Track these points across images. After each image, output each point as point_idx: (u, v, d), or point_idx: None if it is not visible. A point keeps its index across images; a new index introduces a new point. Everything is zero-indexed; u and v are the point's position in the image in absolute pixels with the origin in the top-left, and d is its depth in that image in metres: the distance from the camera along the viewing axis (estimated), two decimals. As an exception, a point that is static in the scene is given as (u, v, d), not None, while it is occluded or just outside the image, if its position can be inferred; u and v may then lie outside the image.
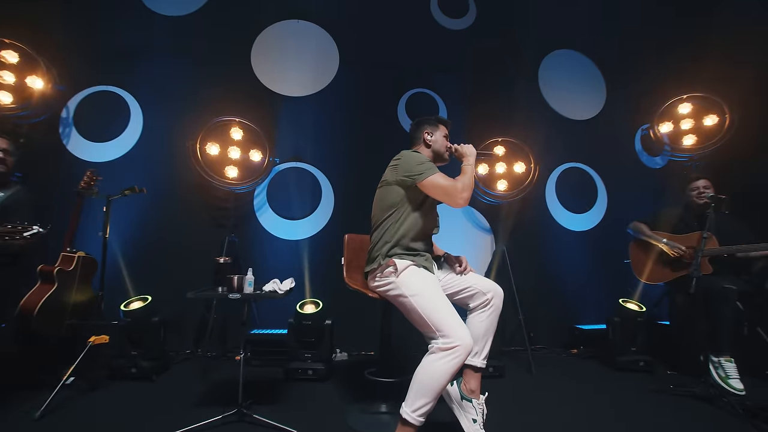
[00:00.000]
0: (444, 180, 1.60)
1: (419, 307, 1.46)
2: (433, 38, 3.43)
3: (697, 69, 3.28)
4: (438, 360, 1.35)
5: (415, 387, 1.37)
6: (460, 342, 1.34)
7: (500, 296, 1.63)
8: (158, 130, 2.95)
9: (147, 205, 2.75)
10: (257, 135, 2.89)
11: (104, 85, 2.94)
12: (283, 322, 2.68)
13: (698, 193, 2.49)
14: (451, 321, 1.40)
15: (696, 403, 1.97)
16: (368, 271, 1.73)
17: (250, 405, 1.77)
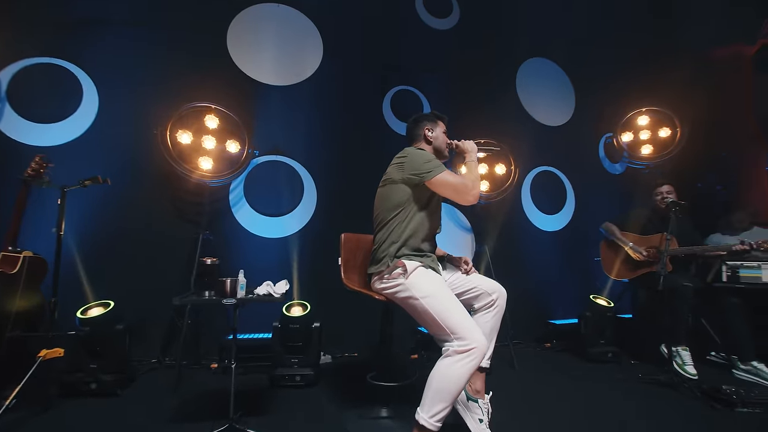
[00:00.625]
0: (453, 177, 1.58)
1: (432, 309, 1.43)
2: (418, 36, 3.41)
3: (655, 85, 3.62)
4: (455, 363, 1.33)
5: (431, 392, 1.34)
6: (477, 344, 1.33)
7: (504, 296, 1.66)
8: (118, 114, 2.62)
9: (107, 198, 2.42)
10: (235, 124, 2.67)
11: (48, 56, 2.54)
12: (263, 326, 2.54)
13: (662, 198, 2.74)
14: (467, 323, 1.38)
15: (661, 390, 2.16)
16: (372, 273, 1.67)
17: (240, 417, 1.63)
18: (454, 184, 1.57)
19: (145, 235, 2.54)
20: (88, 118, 2.59)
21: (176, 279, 2.55)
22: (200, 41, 2.83)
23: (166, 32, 2.77)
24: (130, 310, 2.23)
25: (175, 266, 2.58)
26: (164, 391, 2.06)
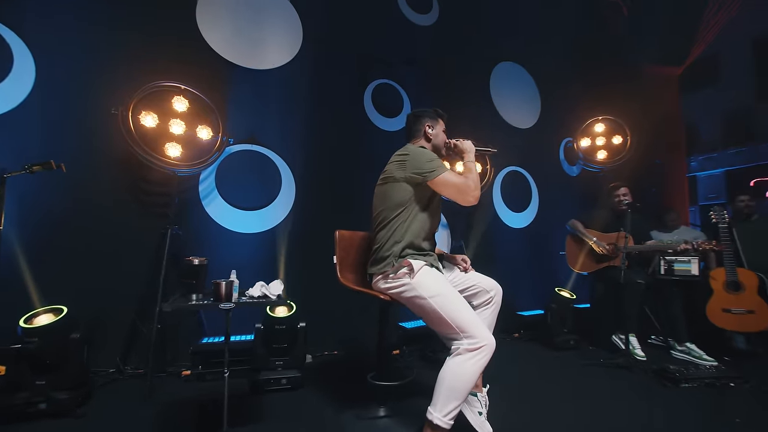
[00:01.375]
0: (456, 178, 1.59)
1: (440, 308, 1.44)
2: (399, 30, 3.37)
3: (609, 96, 3.98)
4: (466, 361, 1.35)
5: (443, 391, 1.35)
6: (486, 341, 1.36)
7: (500, 293, 1.71)
8: (59, 87, 2.23)
9: (53, 185, 2.07)
10: (207, 108, 2.43)
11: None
12: (237, 328, 2.39)
13: (619, 200, 3.03)
14: (476, 321, 1.41)
15: (620, 371, 2.42)
16: (373, 272, 1.64)
17: (233, 429, 1.51)
18: (457, 184, 1.57)
19: (100, 228, 2.22)
20: (20, 91, 2.18)
21: (139, 279, 2.29)
22: (165, 9, 2.51)
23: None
24: (84, 316, 1.94)
25: (137, 264, 2.30)
26: (132, 404, 1.84)
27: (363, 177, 3.00)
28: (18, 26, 2.17)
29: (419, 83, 3.39)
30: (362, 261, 1.90)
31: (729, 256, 2.69)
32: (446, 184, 1.58)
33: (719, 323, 2.65)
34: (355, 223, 2.92)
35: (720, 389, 2.11)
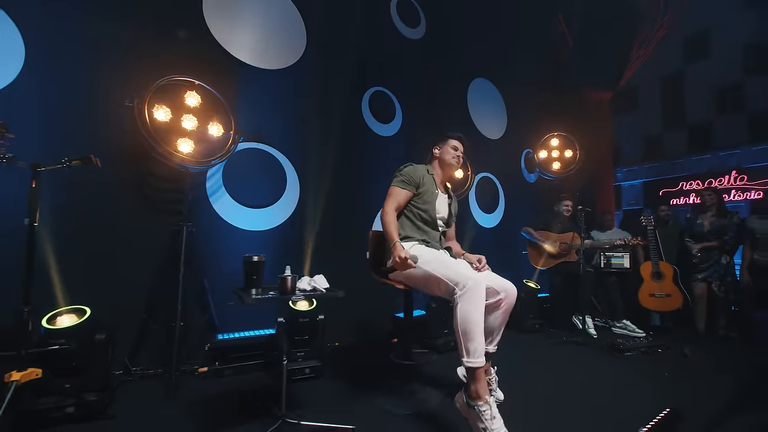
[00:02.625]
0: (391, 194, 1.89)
1: (430, 269, 1.64)
2: (392, 41, 3.59)
3: (562, 114, 4.64)
4: (464, 306, 1.50)
5: (461, 337, 1.51)
6: (470, 282, 1.52)
7: (513, 295, 1.78)
8: (54, 72, 2.08)
9: (59, 179, 1.93)
10: (218, 105, 2.42)
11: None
12: (245, 325, 2.45)
13: (567, 209, 3.62)
14: (458, 272, 1.60)
15: (579, 347, 2.95)
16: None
17: (290, 412, 1.63)
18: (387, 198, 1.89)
19: (112, 225, 2.11)
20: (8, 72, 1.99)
21: (147, 277, 2.22)
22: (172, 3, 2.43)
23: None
24: (98, 316, 1.87)
25: (145, 262, 2.23)
26: (156, 403, 1.84)
27: (362, 177, 3.21)
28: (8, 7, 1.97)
29: (409, 93, 3.65)
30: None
31: (654, 253, 3.40)
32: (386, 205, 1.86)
33: (647, 305, 3.34)
34: (357, 221, 3.13)
35: (652, 354, 2.73)
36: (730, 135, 5.39)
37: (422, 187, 1.93)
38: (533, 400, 1.93)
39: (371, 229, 3.23)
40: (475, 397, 1.47)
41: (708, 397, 1.96)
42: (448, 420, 1.67)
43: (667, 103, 6.17)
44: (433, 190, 1.97)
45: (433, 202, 1.96)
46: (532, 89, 4.81)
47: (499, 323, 1.84)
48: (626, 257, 3.63)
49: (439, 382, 2.08)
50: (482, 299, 1.53)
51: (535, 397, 1.97)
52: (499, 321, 1.83)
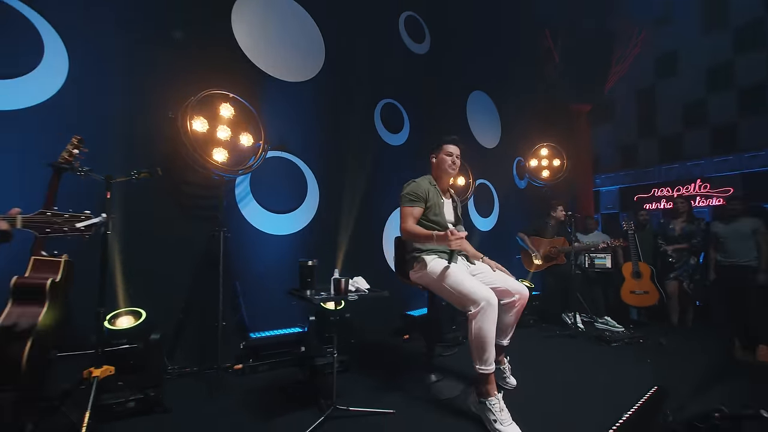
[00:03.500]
0: (405, 214, 2.01)
1: (448, 285, 1.83)
2: (400, 55, 3.81)
3: (551, 126, 5.01)
4: (478, 323, 1.69)
5: (474, 349, 1.74)
6: (484, 301, 1.69)
7: (526, 297, 2.02)
8: (94, 84, 2.16)
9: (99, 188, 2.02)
10: (250, 116, 2.57)
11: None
12: (274, 324, 2.61)
13: (562, 214, 3.96)
14: (474, 290, 1.74)
15: (571, 339, 3.28)
16: (407, 269, 2.09)
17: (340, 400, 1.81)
18: (401, 217, 2.03)
19: (150, 230, 2.21)
20: (53, 83, 2.06)
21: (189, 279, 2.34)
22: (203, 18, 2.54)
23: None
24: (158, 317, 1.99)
25: (181, 266, 2.35)
26: (203, 399, 1.97)
27: (374, 184, 3.41)
28: (53, 19, 2.05)
29: (416, 104, 3.88)
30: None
31: (634, 254, 3.79)
32: (405, 225, 2.00)
33: (628, 301, 3.73)
34: (369, 224, 3.32)
35: (635, 344, 3.09)
36: (695, 146, 5.95)
37: (429, 201, 2.04)
38: (542, 384, 2.20)
39: (383, 232, 3.45)
40: (485, 395, 1.69)
41: (684, 377, 2.30)
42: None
43: (640, 116, 6.70)
44: (439, 200, 2.07)
45: (441, 213, 2.08)
46: (524, 102, 5.15)
47: (512, 321, 2.09)
48: (608, 258, 4.02)
49: (455, 372, 2.32)
50: (495, 317, 1.70)
51: (543, 382, 2.25)
52: (512, 319, 2.08)
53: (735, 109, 5.66)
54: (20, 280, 1.32)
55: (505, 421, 1.63)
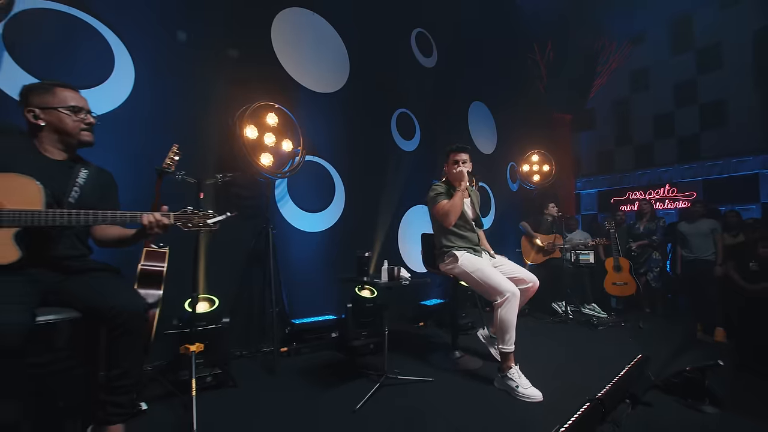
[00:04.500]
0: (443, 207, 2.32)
1: (478, 277, 2.19)
2: (412, 69, 4.16)
3: (540, 133, 5.51)
4: (502, 311, 2.09)
5: (500, 332, 2.12)
6: (509, 293, 2.07)
7: (537, 284, 2.38)
8: (158, 94, 2.38)
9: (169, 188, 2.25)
10: (290, 123, 2.84)
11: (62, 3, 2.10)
12: (311, 311, 2.90)
13: (555, 213, 4.44)
14: (501, 283, 2.10)
15: (564, 324, 3.74)
16: (437, 262, 2.44)
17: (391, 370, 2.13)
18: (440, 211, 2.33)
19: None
20: (122, 91, 2.28)
21: (239, 271, 2.60)
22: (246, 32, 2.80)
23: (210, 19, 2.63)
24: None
25: (234, 259, 2.60)
26: (266, 374, 2.26)
27: (392, 186, 3.74)
28: (123, 35, 2.26)
29: (426, 113, 4.24)
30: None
31: (615, 250, 4.31)
32: (438, 210, 2.34)
33: (610, 291, 4.24)
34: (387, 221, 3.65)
35: (617, 327, 3.58)
36: (664, 155, 6.62)
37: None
38: (545, 359, 2.62)
39: (399, 228, 3.80)
40: (506, 369, 2.06)
41: (660, 351, 2.78)
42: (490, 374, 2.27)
43: (617, 125, 7.33)
44: None
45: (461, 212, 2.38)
46: (516, 111, 5.63)
47: (525, 299, 2.50)
48: (590, 254, 4.53)
49: (472, 350, 2.70)
50: (517, 306, 2.06)
51: (546, 357, 2.66)
52: (525, 298, 2.48)
53: (698, 123, 6.38)
54: (144, 267, 1.58)
55: (525, 386, 2.01)
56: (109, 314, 1.16)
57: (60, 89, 1.31)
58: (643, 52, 7.02)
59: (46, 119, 1.27)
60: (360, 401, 1.82)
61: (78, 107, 1.33)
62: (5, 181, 1.11)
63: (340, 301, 2.93)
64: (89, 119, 1.37)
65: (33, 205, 1.13)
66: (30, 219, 1.10)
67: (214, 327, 1.98)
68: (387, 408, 1.82)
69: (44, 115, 1.27)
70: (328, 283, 3.07)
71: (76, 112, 1.33)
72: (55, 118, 1.28)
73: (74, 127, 1.32)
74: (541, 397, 1.93)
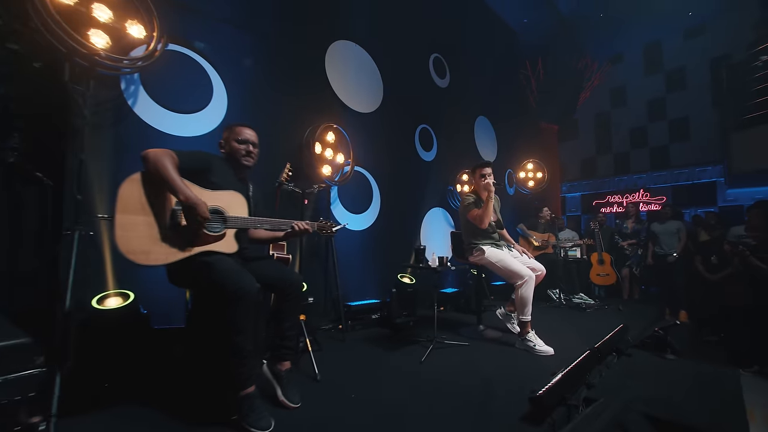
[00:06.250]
0: (476, 212, 3.08)
1: (503, 266, 2.84)
2: (430, 89, 4.81)
3: (534, 143, 6.26)
4: (522, 290, 2.77)
5: (520, 305, 2.78)
6: (527, 277, 2.80)
7: (544, 272, 3.07)
8: (244, 118, 2.91)
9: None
10: (342, 139, 3.43)
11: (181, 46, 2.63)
12: (357, 296, 3.50)
13: (548, 215, 5.19)
14: (520, 269, 2.82)
15: (558, 308, 4.47)
16: (466, 254, 3.10)
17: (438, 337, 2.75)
18: (475, 216, 3.05)
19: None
20: (218, 115, 2.82)
21: (304, 263, 3.17)
22: (307, 63, 3.37)
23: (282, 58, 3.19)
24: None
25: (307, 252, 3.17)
26: (338, 342, 2.84)
27: (417, 190, 4.37)
28: (220, 69, 2.80)
29: (442, 127, 4.90)
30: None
31: (599, 246, 5.10)
32: (472, 216, 3.05)
33: (595, 281, 5.02)
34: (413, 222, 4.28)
35: (601, 310, 4.34)
36: (639, 163, 7.53)
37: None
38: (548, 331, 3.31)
39: (422, 226, 4.44)
40: (526, 333, 2.73)
41: (634, 324, 3.52)
42: (509, 341, 2.92)
43: (598, 136, 8.20)
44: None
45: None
46: (512, 123, 6.37)
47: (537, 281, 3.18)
48: (578, 250, 5.31)
49: (492, 325, 3.36)
50: (533, 286, 2.75)
51: (549, 329, 3.35)
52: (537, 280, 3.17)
53: (667, 135, 7.32)
54: (277, 256, 2.14)
55: (541, 345, 2.68)
56: (286, 285, 1.73)
57: (235, 126, 1.85)
58: (621, 72, 7.94)
59: (227, 148, 1.81)
60: (421, 357, 2.44)
61: (243, 139, 1.86)
62: (229, 196, 1.66)
63: (380, 287, 3.54)
64: (250, 149, 1.89)
65: (243, 213, 1.69)
66: (243, 222, 1.66)
67: (306, 303, 2.55)
68: (442, 360, 2.45)
69: (227, 145, 1.81)
70: (368, 273, 3.67)
71: (241, 143, 1.85)
72: (232, 148, 1.81)
73: (240, 154, 1.82)
74: (552, 352, 2.61)
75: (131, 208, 1.42)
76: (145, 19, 2.24)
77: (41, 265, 2.06)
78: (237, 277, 1.52)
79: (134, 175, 1.46)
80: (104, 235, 2.20)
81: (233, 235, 1.67)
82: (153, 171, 1.45)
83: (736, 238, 4.04)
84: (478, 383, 2.05)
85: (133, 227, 1.41)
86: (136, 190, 1.45)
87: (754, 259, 3.49)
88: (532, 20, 6.65)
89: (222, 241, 1.62)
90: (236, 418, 1.51)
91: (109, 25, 2.10)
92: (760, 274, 3.43)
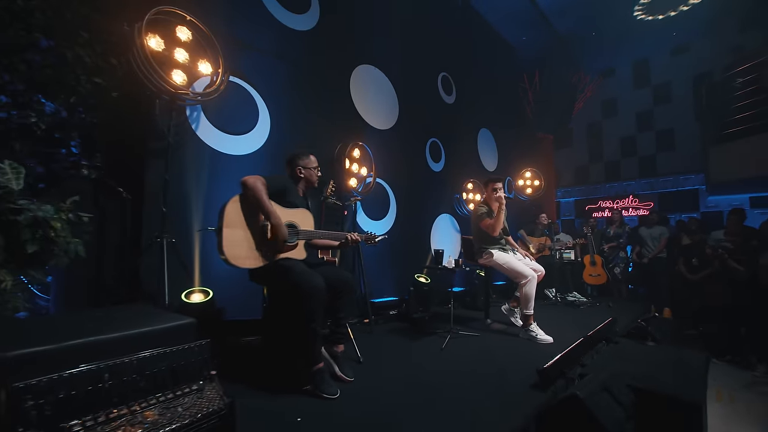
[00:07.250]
0: (488, 222, 3.58)
1: (508, 268, 3.32)
2: (439, 105, 5.26)
3: (532, 152, 6.74)
4: (525, 287, 3.24)
5: (524, 301, 3.23)
6: (530, 276, 3.28)
7: (543, 273, 3.55)
8: (285, 138, 3.34)
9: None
10: (366, 155, 3.86)
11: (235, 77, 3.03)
12: (379, 293, 3.92)
13: (545, 220, 5.66)
14: (524, 270, 3.30)
15: (555, 306, 4.94)
16: (476, 257, 3.55)
17: (455, 327, 3.19)
18: (488, 226, 3.56)
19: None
20: (262, 135, 3.23)
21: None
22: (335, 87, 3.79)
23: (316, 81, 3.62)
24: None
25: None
26: (368, 334, 3.27)
27: (428, 198, 4.81)
28: (264, 96, 3.22)
29: (449, 140, 5.35)
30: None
31: (591, 248, 5.59)
32: (485, 225, 3.54)
33: (588, 281, 5.51)
34: (426, 229, 4.72)
35: (593, 307, 4.82)
36: (628, 171, 8.06)
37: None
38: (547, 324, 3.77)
39: (431, 231, 4.87)
40: (529, 324, 3.19)
41: (622, 318, 4.00)
42: (514, 332, 3.37)
43: (591, 144, 8.73)
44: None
45: None
46: (510, 134, 6.85)
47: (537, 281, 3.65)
48: (572, 252, 5.80)
49: (498, 318, 3.81)
50: (535, 284, 3.21)
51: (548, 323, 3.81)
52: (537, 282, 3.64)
53: (654, 145, 7.86)
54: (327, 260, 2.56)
55: (542, 334, 3.14)
56: (343, 284, 2.16)
57: (311, 155, 2.28)
58: (612, 86, 8.48)
59: (305, 173, 2.24)
60: (441, 345, 2.88)
61: (315, 167, 2.30)
62: (301, 213, 2.09)
63: (397, 286, 3.97)
64: (318, 173, 2.33)
65: (310, 227, 2.11)
66: (311, 235, 2.09)
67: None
68: (459, 348, 2.89)
69: (305, 171, 2.24)
70: (386, 273, 4.10)
71: (314, 169, 2.29)
72: (309, 173, 2.25)
73: (314, 177, 2.29)
74: (552, 340, 3.07)
75: (233, 223, 1.84)
76: (211, 58, 2.65)
77: (126, 268, 2.46)
78: (310, 277, 1.94)
79: (234, 197, 1.88)
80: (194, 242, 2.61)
81: (303, 245, 2.09)
82: (251, 196, 1.86)
83: (715, 242, 4.54)
84: (493, 363, 2.50)
85: (235, 238, 1.83)
86: (236, 209, 1.86)
87: (732, 262, 3.99)
88: (530, 37, 7.14)
89: (295, 249, 2.04)
90: (309, 387, 1.93)
91: (185, 64, 2.51)
92: (736, 275, 3.93)
